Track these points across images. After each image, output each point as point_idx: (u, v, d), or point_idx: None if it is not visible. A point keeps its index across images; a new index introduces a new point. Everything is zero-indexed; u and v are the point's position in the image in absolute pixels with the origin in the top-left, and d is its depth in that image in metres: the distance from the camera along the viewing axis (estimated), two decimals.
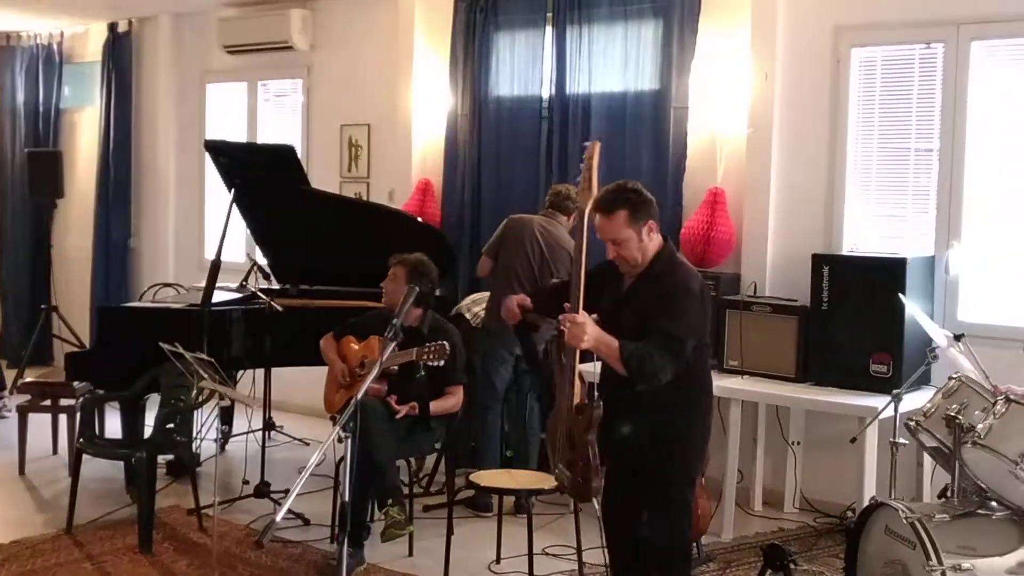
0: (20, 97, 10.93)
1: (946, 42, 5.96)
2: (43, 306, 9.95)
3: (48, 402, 7.19)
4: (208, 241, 9.50)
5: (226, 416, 7.45)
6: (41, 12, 9.76)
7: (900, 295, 5.49)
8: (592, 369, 4.11)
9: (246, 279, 7.13)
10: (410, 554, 5.58)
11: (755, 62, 6.52)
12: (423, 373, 5.34)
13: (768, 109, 6.47)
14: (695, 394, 4.15)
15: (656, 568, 4.16)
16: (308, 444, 7.67)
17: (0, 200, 11.18)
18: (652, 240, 4.05)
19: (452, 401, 5.53)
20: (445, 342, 5.19)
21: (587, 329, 3.85)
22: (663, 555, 4.14)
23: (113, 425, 6.78)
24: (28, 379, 7.68)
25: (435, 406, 5.43)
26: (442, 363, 5.20)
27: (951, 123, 5.96)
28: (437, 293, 5.88)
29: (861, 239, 6.28)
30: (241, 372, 7.03)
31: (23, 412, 7.06)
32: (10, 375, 9.16)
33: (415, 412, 5.37)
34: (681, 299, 3.97)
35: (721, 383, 5.97)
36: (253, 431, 6.88)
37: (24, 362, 9.48)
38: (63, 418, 7.24)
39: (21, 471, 6.97)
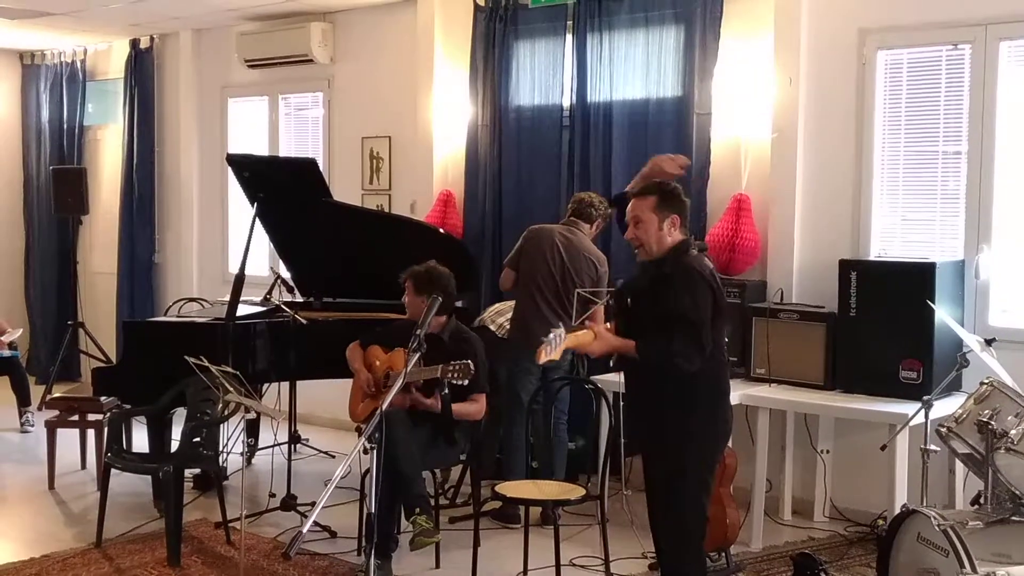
0: (45, 115, 11.01)
1: (973, 43, 5.90)
2: (70, 322, 10.00)
3: (76, 417, 7.21)
4: (232, 255, 9.52)
5: (252, 429, 7.46)
6: (64, 30, 9.82)
7: (929, 301, 5.43)
8: (617, 379, 4.18)
9: (270, 292, 7.13)
10: (437, 566, 5.56)
11: (779, 66, 6.48)
12: (447, 390, 5.31)
13: (792, 114, 6.43)
14: (708, 390, 4.23)
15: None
16: (334, 456, 7.66)
17: (26, 217, 11.28)
18: (671, 235, 4.26)
19: (475, 408, 5.49)
20: (470, 362, 5.14)
21: (601, 348, 4.23)
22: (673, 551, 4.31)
23: (140, 439, 6.79)
24: (56, 394, 7.70)
25: (457, 407, 5.39)
26: (466, 383, 5.16)
27: (979, 125, 5.89)
28: (459, 304, 5.84)
29: (889, 244, 6.23)
30: (266, 385, 7.02)
31: (51, 427, 7.09)
32: (38, 391, 9.23)
33: (437, 407, 5.32)
34: (693, 283, 4.17)
35: (749, 391, 5.95)
36: (279, 444, 6.88)
37: (52, 378, 9.54)
38: (91, 433, 7.27)
39: (51, 486, 7.00)
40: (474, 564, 5.19)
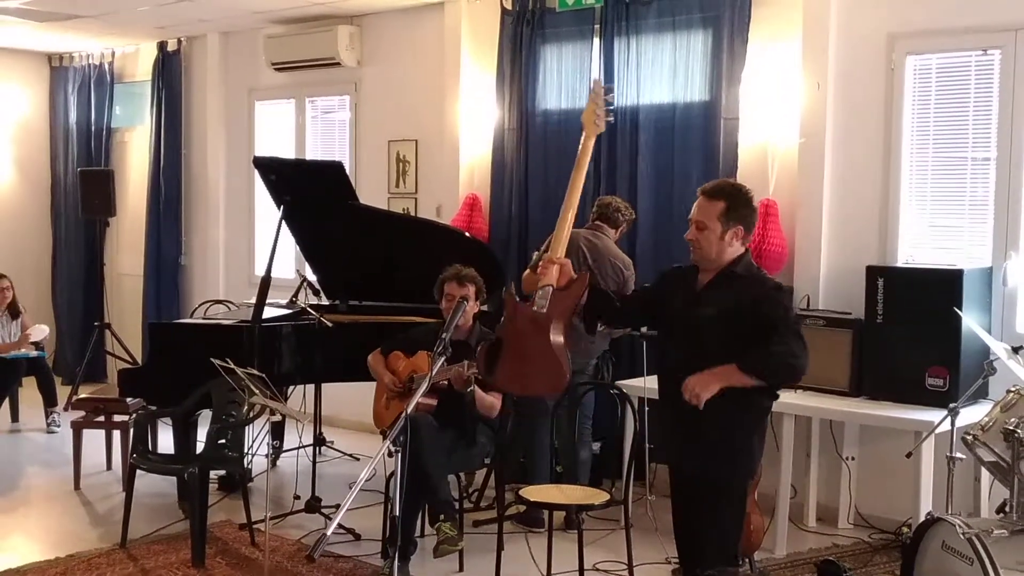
0: (73, 117, 11.08)
1: (1003, 48, 5.87)
2: (96, 323, 10.05)
3: (102, 418, 7.25)
4: (258, 258, 9.57)
5: (277, 431, 7.49)
6: (93, 33, 9.89)
7: (956, 308, 5.40)
8: (642, 383, 4.13)
9: (296, 295, 7.16)
10: (460, 569, 5.56)
11: (807, 71, 6.46)
12: (473, 387, 5.32)
13: (820, 119, 6.40)
14: (756, 410, 4.13)
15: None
16: (358, 459, 7.67)
17: (54, 219, 11.37)
18: (732, 246, 4.07)
19: (492, 400, 5.48)
20: None
21: (707, 385, 3.88)
22: (713, 559, 4.16)
23: (166, 441, 6.83)
24: (82, 395, 7.74)
25: (479, 394, 5.40)
26: None
27: (1008, 131, 5.86)
28: (484, 307, 5.85)
29: (916, 250, 6.19)
30: (292, 388, 7.04)
31: (77, 428, 7.13)
32: (64, 391, 9.29)
33: (461, 384, 5.28)
34: (779, 290, 4.10)
35: None
36: (304, 446, 6.91)
37: (78, 379, 9.60)
38: (116, 434, 7.31)
39: (76, 486, 7.05)
40: (497, 568, 5.19)
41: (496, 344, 4.21)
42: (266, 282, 6.39)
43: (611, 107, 4.41)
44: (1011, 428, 4.36)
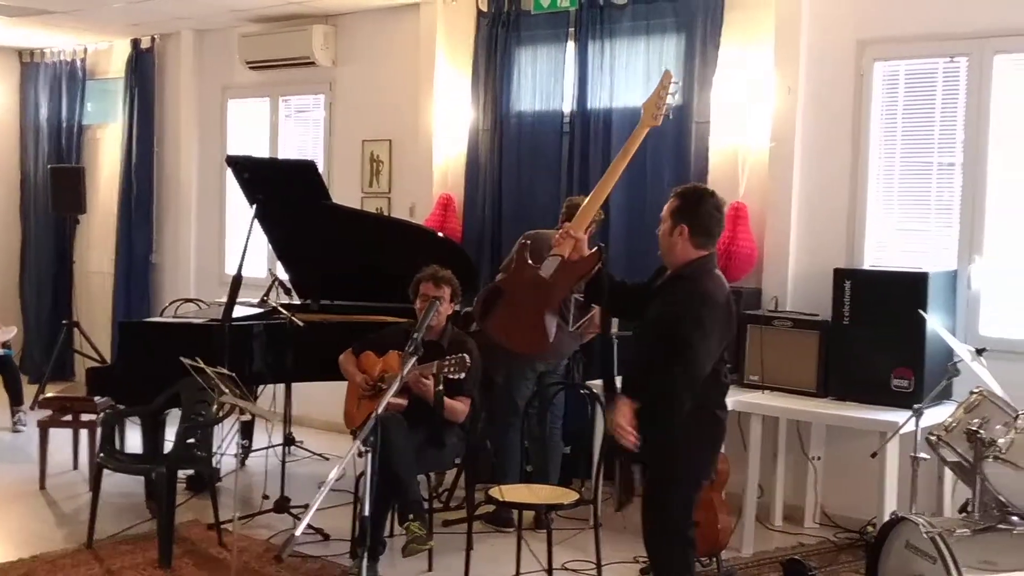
0: (44, 113, 11.02)
1: (970, 56, 5.94)
2: (65, 321, 9.97)
3: (69, 417, 7.19)
4: (229, 256, 9.55)
5: (246, 431, 7.46)
6: (65, 29, 9.84)
7: (921, 311, 5.46)
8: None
9: (267, 294, 7.13)
10: (430, 569, 5.57)
11: (778, 76, 6.51)
12: (442, 387, 5.33)
13: (790, 123, 6.46)
14: (702, 408, 4.17)
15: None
16: (328, 459, 7.66)
17: (23, 216, 11.29)
18: (679, 244, 4.16)
19: (461, 407, 5.50)
20: (466, 355, 5.19)
21: (623, 416, 4.02)
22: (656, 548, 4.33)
23: (133, 440, 6.80)
24: (49, 394, 7.70)
25: (448, 402, 5.42)
26: (463, 376, 5.20)
27: (974, 137, 5.94)
28: (456, 308, 5.86)
29: (883, 253, 6.26)
30: (262, 387, 7.02)
31: (44, 427, 7.07)
32: (31, 390, 9.20)
33: (428, 389, 5.29)
34: (697, 305, 4.07)
35: (742, 398, 5.97)
36: (273, 446, 6.85)
37: (45, 377, 9.51)
38: (84, 433, 7.25)
39: (42, 486, 6.98)
40: (467, 567, 5.20)
41: (495, 291, 4.34)
42: (237, 281, 6.37)
43: (671, 104, 4.45)
44: (974, 429, 4.41)
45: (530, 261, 4.40)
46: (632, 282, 4.55)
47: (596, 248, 4.34)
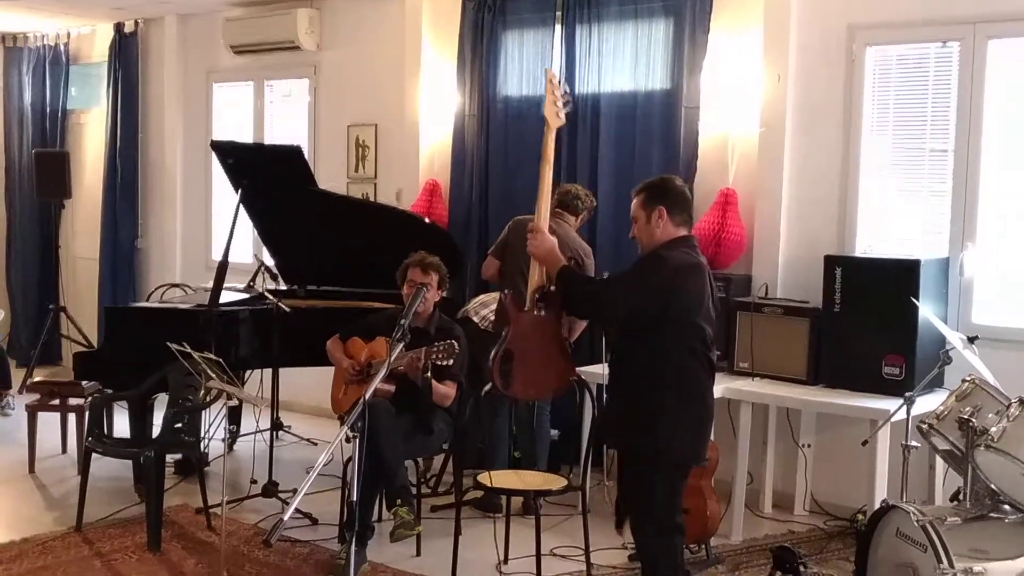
0: (27, 98, 10.94)
1: (962, 41, 5.91)
2: (51, 306, 9.94)
3: (57, 401, 7.20)
4: (215, 242, 9.50)
5: (234, 416, 7.45)
6: (48, 13, 9.75)
7: (913, 298, 5.45)
8: (602, 371, 4.19)
9: (253, 280, 7.10)
10: (418, 554, 5.56)
11: (767, 61, 6.48)
12: (430, 374, 5.31)
13: (780, 109, 6.43)
14: (671, 374, 4.17)
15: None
16: (316, 444, 7.65)
17: (8, 201, 11.22)
18: (660, 227, 4.24)
19: (446, 391, 5.48)
20: (454, 341, 5.17)
21: (545, 243, 4.30)
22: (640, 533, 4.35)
23: (122, 424, 6.78)
24: (37, 378, 7.67)
25: (435, 386, 5.40)
26: (451, 362, 5.17)
27: (967, 123, 5.91)
28: (444, 294, 5.83)
29: (874, 240, 6.23)
30: (249, 372, 7.00)
31: (32, 411, 7.06)
32: (19, 374, 9.18)
33: (418, 370, 5.25)
34: (643, 261, 4.25)
35: (732, 385, 5.96)
36: (261, 431, 6.84)
37: (33, 361, 9.49)
38: (72, 417, 7.24)
39: (31, 470, 6.97)
40: (455, 553, 5.18)
41: (506, 356, 4.31)
42: (223, 266, 6.34)
43: (568, 97, 4.55)
44: (965, 417, 4.40)
45: (518, 309, 4.40)
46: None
47: (568, 256, 4.48)
